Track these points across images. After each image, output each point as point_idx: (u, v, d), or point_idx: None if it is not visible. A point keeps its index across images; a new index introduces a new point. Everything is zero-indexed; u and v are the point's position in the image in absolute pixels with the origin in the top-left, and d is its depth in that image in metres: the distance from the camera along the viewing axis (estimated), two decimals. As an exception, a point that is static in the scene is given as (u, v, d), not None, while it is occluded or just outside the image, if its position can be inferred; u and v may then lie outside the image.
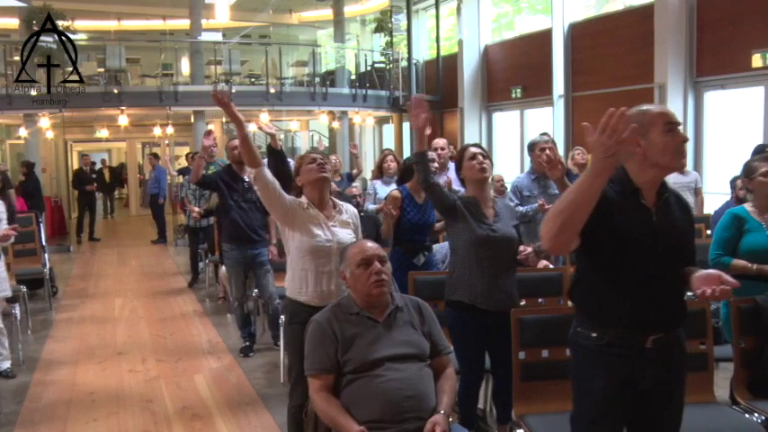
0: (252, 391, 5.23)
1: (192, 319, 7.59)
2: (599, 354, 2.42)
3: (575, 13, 12.88)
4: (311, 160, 3.55)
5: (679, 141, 2.36)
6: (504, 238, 3.68)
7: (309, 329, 2.87)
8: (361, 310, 2.86)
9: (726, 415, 3.27)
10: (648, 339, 2.38)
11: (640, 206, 2.39)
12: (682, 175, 8.44)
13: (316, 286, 3.47)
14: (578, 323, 2.51)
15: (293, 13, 21.62)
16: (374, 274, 2.84)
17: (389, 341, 2.78)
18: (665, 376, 2.42)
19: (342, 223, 3.58)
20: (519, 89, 14.09)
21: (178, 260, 11.82)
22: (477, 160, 3.77)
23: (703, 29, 10.15)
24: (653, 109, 2.42)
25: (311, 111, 16.82)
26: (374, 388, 2.65)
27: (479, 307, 3.62)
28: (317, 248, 3.45)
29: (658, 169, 2.39)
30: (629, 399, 2.42)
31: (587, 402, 2.48)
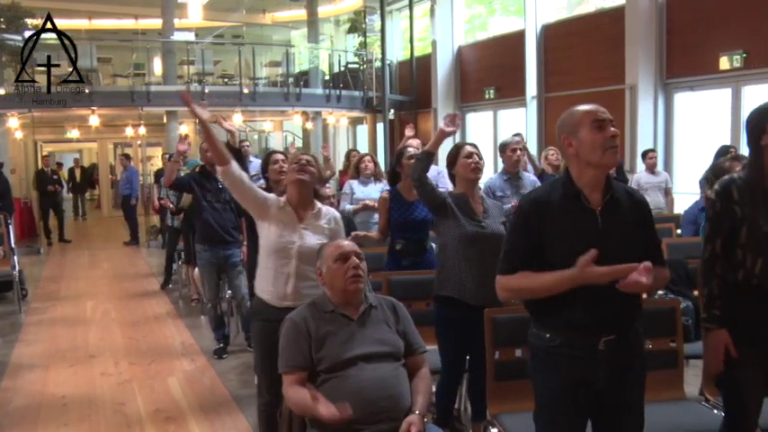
0: (225, 392, 5.21)
1: (165, 320, 7.53)
2: (552, 354, 2.44)
3: (547, 15, 13.00)
4: (296, 162, 3.56)
5: (607, 137, 2.36)
6: (493, 235, 3.71)
7: (284, 327, 2.87)
8: (336, 307, 2.87)
9: (695, 411, 3.32)
10: (600, 341, 2.39)
11: (584, 209, 2.40)
12: (652, 175, 8.59)
13: (273, 285, 3.48)
14: (533, 324, 2.53)
15: (267, 13, 21.56)
16: (351, 268, 2.85)
17: (364, 339, 2.79)
18: (620, 376, 2.43)
19: (314, 228, 3.54)
20: (492, 90, 14.18)
21: (151, 261, 11.72)
22: (473, 159, 3.82)
23: (673, 31, 10.30)
24: (581, 108, 2.45)
25: (285, 111, 16.78)
26: (348, 388, 2.65)
27: (468, 303, 3.64)
28: (280, 248, 3.45)
29: (593, 168, 2.40)
30: (586, 398, 2.43)
31: (544, 401, 2.51)
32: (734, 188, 2.76)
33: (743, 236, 2.73)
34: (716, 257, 2.79)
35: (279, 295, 3.47)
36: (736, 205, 2.74)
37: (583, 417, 2.50)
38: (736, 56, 9.27)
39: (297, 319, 2.85)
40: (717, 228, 2.79)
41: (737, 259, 2.76)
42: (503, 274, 2.48)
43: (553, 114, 12.65)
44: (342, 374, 2.70)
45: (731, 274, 2.78)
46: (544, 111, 12.94)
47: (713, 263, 2.80)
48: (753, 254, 2.72)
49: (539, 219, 2.41)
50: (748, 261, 2.73)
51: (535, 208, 2.44)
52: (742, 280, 2.75)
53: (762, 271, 2.71)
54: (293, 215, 3.51)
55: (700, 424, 3.17)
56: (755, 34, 9.08)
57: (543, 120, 12.94)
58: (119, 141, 21.41)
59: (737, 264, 2.76)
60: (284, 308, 3.32)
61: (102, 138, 20.00)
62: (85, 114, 14.04)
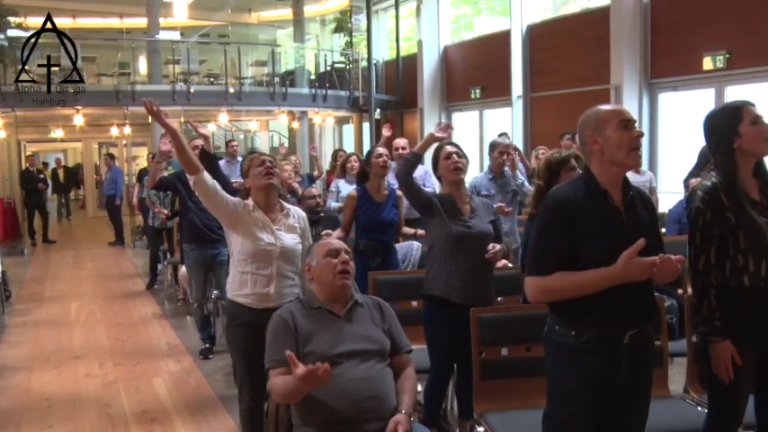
0: (211, 393, 5.19)
1: (151, 321, 7.50)
2: (576, 351, 2.45)
3: (533, 15, 13.04)
4: (260, 163, 3.51)
5: (634, 137, 2.42)
6: (480, 235, 3.72)
7: (271, 324, 2.87)
8: (323, 304, 2.87)
9: (679, 408, 3.35)
10: (626, 335, 2.44)
11: (610, 207, 2.44)
12: (637, 175, 8.59)
13: (254, 288, 3.46)
14: (555, 321, 2.53)
15: (252, 12, 21.51)
16: (340, 263, 2.87)
17: (350, 336, 2.79)
18: (639, 371, 2.49)
19: (287, 227, 3.55)
20: (478, 89, 14.22)
21: (136, 262, 11.67)
22: (452, 159, 3.81)
23: (657, 32, 10.36)
24: (608, 107, 2.51)
25: (271, 111, 16.74)
26: (335, 387, 2.65)
27: (455, 302, 3.65)
28: (259, 252, 3.43)
29: (616, 167, 2.44)
30: (605, 394, 2.46)
31: (563, 399, 2.50)
32: (722, 194, 2.71)
33: (742, 240, 2.69)
34: (711, 267, 2.76)
35: (261, 298, 3.45)
36: (729, 211, 2.70)
37: (599, 416, 2.51)
38: (720, 56, 9.34)
39: (284, 315, 2.86)
40: (709, 237, 2.74)
41: (739, 265, 2.71)
42: (536, 275, 2.47)
43: (538, 114, 12.71)
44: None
45: (733, 280, 2.73)
46: (530, 110, 12.98)
47: (708, 273, 2.76)
48: (755, 257, 2.69)
49: (569, 219, 2.42)
50: (751, 265, 2.70)
51: (565, 208, 2.45)
52: (748, 285, 2.71)
53: (767, 273, 2.69)
54: (265, 218, 3.49)
55: (684, 421, 3.19)
56: (738, 35, 9.15)
57: (529, 119, 12.98)
58: (104, 141, 21.32)
59: (740, 269, 2.72)
60: (266, 309, 3.31)
61: (87, 137, 19.90)
62: (70, 114, 13.94)
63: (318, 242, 3.09)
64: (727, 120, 2.75)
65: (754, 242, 2.68)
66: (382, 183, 4.94)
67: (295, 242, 3.53)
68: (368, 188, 4.88)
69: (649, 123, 10.68)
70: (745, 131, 2.70)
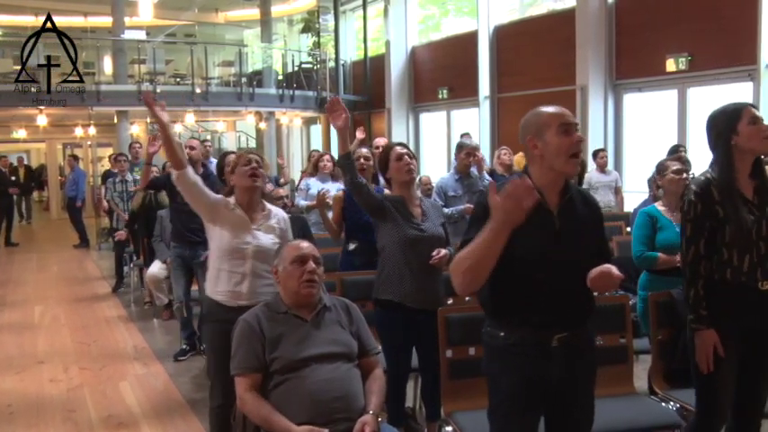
0: (179, 396, 5.14)
1: (117, 324, 7.40)
2: (506, 352, 2.46)
3: (500, 16, 13.14)
4: (246, 162, 3.52)
5: (573, 142, 2.37)
6: (433, 238, 3.71)
7: (237, 328, 2.85)
8: (289, 308, 2.86)
9: (644, 404, 3.39)
10: (554, 339, 2.42)
11: (542, 209, 2.39)
12: (603, 174, 8.74)
13: (228, 285, 3.48)
14: (487, 322, 2.55)
15: (219, 12, 21.35)
16: (307, 272, 2.84)
17: (317, 340, 2.79)
18: (572, 373, 2.46)
19: (266, 228, 3.57)
20: (445, 90, 14.28)
21: (102, 265, 11.49)
22: (404, 161, 3.77)
23: (622, 33, 10.51)
24: (547, 110, 2.45)
25: (238, 111, 16.66)
26: (302, 389, 2.65)
27: (408, 306, 3.66)
28: (234, 249, 3.46)
29: (554, 173, 2.42)
30: (539, 394, 2.47)
31: (498, 398, 2.52)
32: (713, 188, 2.82)
33: (728, 235, 2.79)
34: (700, 258, 2.85)
35: (234, 295, 3.46)
36: (718, 205, 2.80)
37: (536, 413, 2.53)
38: (682, 58, 9.51)
39: (250, 320, 2.83)
40: (699, 229, 2.84)
41: (724, 258, 2.82)
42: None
43: (506, 114, 12.80)
44: (295, 375, 2.70)
45: (717, 273, 2.83)
46: (497, 111, 13.08)
47: (698, 264, 2.85)
48: (739, 251, 2.79)
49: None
50: (735, 259, 2.80)
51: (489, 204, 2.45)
52: (730, 278, 2.81)
53: (749, 268, 2.79)
54: (245, 217, 3.51)
55: (649, 417, 3.24)
56: (700, 38, 9.33)
57: (496, 120, 13.07)
58: (68, 142, 20.99)
59: (724, 262, 2.82)
60: (239, 307, 3.31)
61: (51, 138, 19.58)
62: (32, 114, 13.71)
63: (289, 244, 3.05)
64: (727, 118, 2.84)
65: (738, 237, 2.78)
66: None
67: (272, 242, 3.53)
68: None
69: (614, 124, 10.84)
70: (742, 130, 2.80)
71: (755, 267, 2.78)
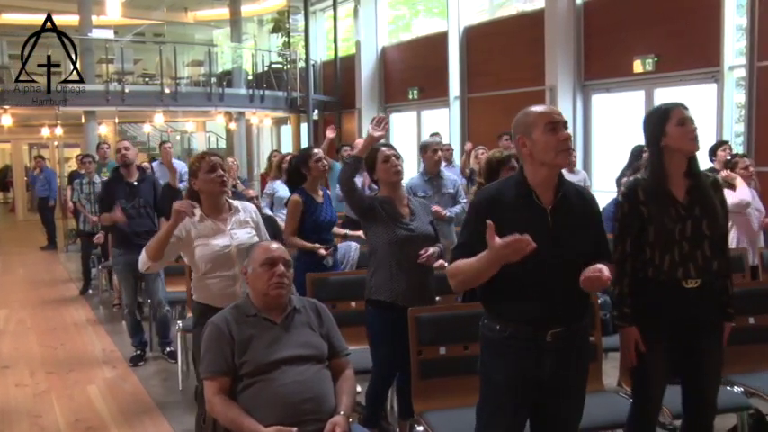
0: (148, 399, 5.09)
1: (85, 327, 7.31)
2: (502, 345, 2.52)
3: (470, 17, 13.20)
4: (210, 168, 3.48)
5: (561, 139, 2.45)
6: (423, 236, 3.75)
7: (206, 332, 2.83)
8: (259, 311, 2.84)
9: (613, 401, 3.44)
10: (548, 333, 2.48)
11: (536, 207, 2.47)
12: (571, 174, 8.79)
13: (219, 290, 3.48)
14: (485, 315, 2.61)
15: (188, 11, 21.16)
16: (276, 275, 2.81)
17: (287, 343, 2.78)
18: (565, 367, 2.53)
19: (239, 223, 3.57)
20: (416, 90, 14.31)
21: (69, 267, 11.34)
22: (392, 162, 3.82)
23: (590, 35, 10.62)
24: (535, 109, 2.53)
25: (208, 111, 16.52)
26: (271, 392, 2.64)
27: (400, 305, 3.66)
28: (218, 257, 3.46)
29: (547, 168, 2.48)
30: (530, 388, 2.52)
31: (491, 391, 2.57)
32: (639, 189, 2.90)
33: (651, 234, 2.87)
34: (626, 256, 2.93)
35: (228, 297, 3.42)
36: (643, 205, 2.88)
37: (527, 406, 2.57)
38: (649, 60, 9.64)
39: (218, 323, 2.81)
40: (626, 228, 2.93)
41: (647, 257, 2.90)
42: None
43: (475, 114, 12.86)
44: (264, 378, 2.69)
45: (641, 271, 2.91)
46: (467, 111, 13.13)
47: (623, 262, 2.93)
48: (661, 251, 2.87)
49: (488, 215, 2.42)
50: (657, 258, 2.88)
51: (488, 206, 2.49)
52: (652, 276, 2.89)
53: (669, 267, 2.86)
54: (215, 224, 3.51)
55: (617, 413, 3.28)
56: (666, 40, 9.46)
57: (466, 120, 13.13)
58: (34, 142, 20.65)
59: (647, 261, 2.90)
60: None
61: (16, 138, 19.26)
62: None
63: (259, 245, 3.03)
64: (657, 119, 2.91)
65: (660, 237, 2.85)
66: (318, 185, 4.96)
67: (249, 236, 3.55)
68: (307, 190, 4.85)
69: (583, 124, 10.95)
70: (671, 131, 2.85)
71: (676, 267, 2.85)
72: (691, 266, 2.85)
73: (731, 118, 9.13)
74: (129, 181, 5.73)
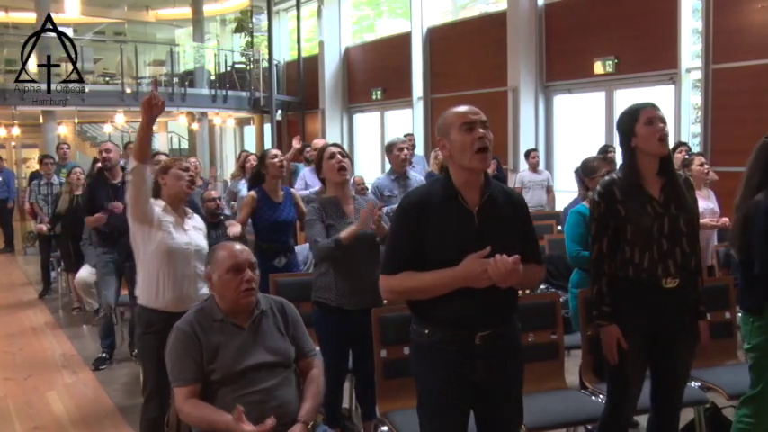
0: (110, 404, 5.02)
1: (44, 331, 7.18)
2: (431, 350, 2.50)
3: (433, 18, 13.26)
4: (184, 168, 3.51)
5: (475, 138, 2.40)
6: (365, 236, 3.71)
7: (172, 337, 2.76)
8: (225, 316, 2.77)
9: (575, 398, 3.49)
10: (476, 336, 2.45)
11: (461, 209, 2.45)
12: (535, 174, 8.95)
13: (174, 291, 3.41)
14: (413, 321, 2.58)
15: (150, 10, 20.92)
16: (245, 281, 2.74)
17: (255, 349, 2.73)
18: (496, 369, 2.50)
19: (194, 228, 3.62)
20: (379, 91, 14.34)
21: (27, 270, 11.12)
22: (336, 159, 3.78)
23: (552, 37, 10.75)
24: (455, 110, 2.51)
25: (170, 112, 16.35)
26: (239, 400, 2.60)
27: (345, 307, 3.66)
28: (179, 250, 3.42)
29: (466, 170, 2.45)
30: (466, 390, 2.50)
31: (426, 395, 2.56)
32: (615, 188, 2.91)
33: (629, 233, 2.88)
34: (603, 256, 2.94)
35: (181, 298, 3.39)
36: (620, 204, 2.89)
37: (464, 409, 2.56)
38: (609, 61, 9.80)
39: (186, 329, 2.73)
40: (602, 228, 2.94)
41: (626, 256, 2.91)
42: (386, 275, 2.50)
43: (439, 115, 12.82)
44: (233, 386, 2.65)
45: (620, 270, 2.93)
46: (430, 111, 13.20)
47: (601, 261, 2.95)
48: (640, 249, 2.88)
49: (419, 219, 2.44)
50: (636, 256, 2.89)
51: (415, 208, 2.47)
52: (632, 275, 2.90)
53: (649, 265, 2.88)
54: (178, 218, 3.50)
55: (580, 410, 3.34)
56: (625, 42, 9.63)
57: (429, 120, 13.19)
58: (-10, 143, 20.24)
59: (626, 260, 2.91)
60: (185, 312, 3.26)
61: (-29, 139, 18.85)
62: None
63: (220, 247, 2.90)
64: (627, 120, 2.93)
65: (638, 235, 2.87)
66: (278, 184, 4.95)
67: (205, 243, 3.56)
68: (265, 189, 4.86)
69: (545, 124, 11.08)
70: (639, 131, 2.88)
71: (656, 265, 2.87)
72: (670, 263, 2.88)
73: (688, 119, 9.33)
74: (112, 183, 5.68)
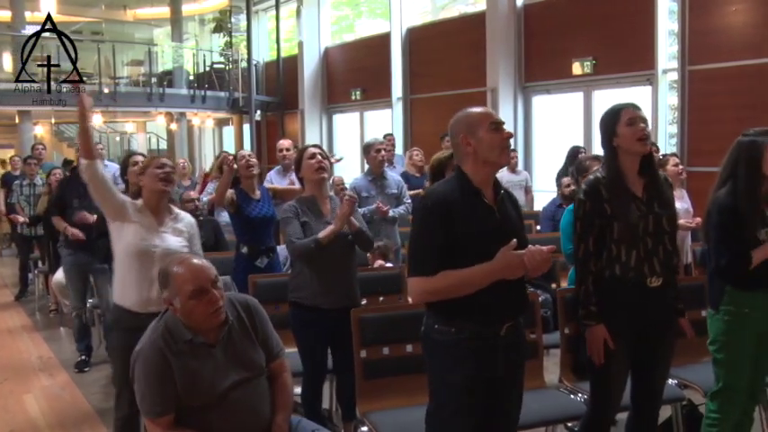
0: (88, 407, 4.97)
1: (21, 334, 7.10)
2: (458, 347, 2.52)
3: (412, 18, 13.27)
4: (158, 165, 3.47)
5: (504, 137, 2.54)
6: (341, 236, 3.71)
7: (140, 365, 2.57)
8: (194, 335, 2.58)
9: (554, 397, 3.51)
10: (503, 328, 2.54)
11: (484, 205, 2.53)
12: (513, 174, 8.95)
13: (138, 292, 3.39)
14: (434, 320, 2.57)
15: (128, 9, 20.76)
16: (212, 304, 2.54)
17: (229, 368, 2.61)
18: (514, 362, 2.61)
19: (174, 230, 3.52)
20: (359, 91, 14.32)
21: (4, 272, 10.99)
22: (316, 159, 3.82)
23: (530, 37, 10.80)
24: (478, 110, 2.61)
25: (148, 112, 16.25)
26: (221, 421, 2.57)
27: (321, 307, 3.66)
28: (143, 252, 3.37)
29: (489, 166, 2.55)
30: (487, 387, 2.55)
31: (449, 394, 2.55)
32: (601, 187, 2.94)
33: (616, 231, 2.90)
34: (589, 255, 2.96)
35: (143, 300, 3.37)
36: (606, 203, 2.92)
37: (484, 405, 2.57)
38: (587, 62, 9.87)
39: (155, 358, 2.54)
40: (588, 226, 2.95)
41: (613, 254, 2.93)
42: (420, 276, 2.50)
43: (418, 115, 12.94)
44: (215, 410, 2.57)
45: (606, 269, 2.94)
46: (409, 112, 13.20)
47: (587, 261, 2.96)
48: (627, 247, 2.90)
49: (446, 217, 2.47)
50: (623, 255, 2.91)
51: (441, 207, 2.50)
52: (619, 274, 2.92)
53: (636, 263, 2.90)
54: (152, 219, 3.46)
55: (559, 409, 3.37)
56: (603, 43, 9.70)
57: (409, 121, 13.19)
58: (-36, 143, 19.97)
59: (613, 259, 2.93)
60: (150, 314, 3.21)
61: (-55, 139, 18.60)
62: None
63: (173, 268, 2.61)
64: (609, 120, 2.96)
65: (625, 233, 2.89)
66: (254, 183, 5.00)
67: (180, 245, 3.47)
68: (243, 188, 4.94)
69: (524, 125, 11.12)
70: (621, 131, 2.91)
71: (642, 263, 2.90)
72: (655, 261, 2.90)
73: (665, 119, 9.42)
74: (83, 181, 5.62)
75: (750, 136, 3.12)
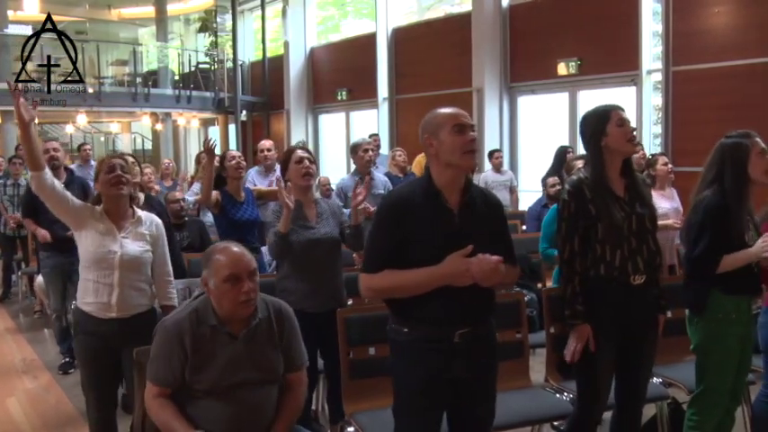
0: (72, 409, 4.93)
1: (4, 336, 7.03)
2: (411, 348, 2.53)
3: (398, 19, 13.29)
4: (108, 169, 3.31)
5: (466, 141, 2.48)
6: (326, 239, 3.72)
7: (159, 334, 2.65)
8: (220, 323, 2.62)
9: (540, 396, 3.52)
10: (455, 334, 2.49)
11: (443, 208, 2.49)
12: (498, 174, 9.01)
13: (97, 297, 3.32)
14: (392, 320, 2.61)
15: (112, 9, 20.62)
16: (243, 293, 2.57)
17: (245, 363, 2.62)
18: (474, 367, 2.55)
19: (135, 235, 3.39)
20: (344, 91, 14.32)
21: (-14, 273, 10.88)
22: (304, 165, 3.80)
23: (516, 38, 10.85)
24: (444, 110, 2.56)
25: (133, 112, 16.17)
26: (222, 413, 2.56)
27: (307, 310, 3.65)
28: (100, 258, 3.29)
29: (452, 169, 2.50)
30: (443, 389, 2.54)
31: (405, 394, 2.58)
32: (585, 187, 2.95)
33: (600, 231, 2.92)
34: (575, 255, 2.97)
35: (103, 307, 3.31)
36: (590, 203, 2.93)
37: (440, 409, 2.59)
38: (572, 63, 9.93)
39: (172, 332, 2.61)
40: (573, 227, 2.96)
41: (597, 254, 2.94)
42: (367, 273, 2.53)
43: (404, 116, 12.96)
44: (218, 400, 2.58)
45: (591, 269, 2.95)
46: (395, 112, 13.22)
47: (573, 261, 2.97)
48: (611, 247, 2.92)
49: (400, 218, 2.48)
50: (608, 254, 2.92)
51: (396, 207, 2.51)
52: (604, 273, 2.93)
53: (621, 262, 2.92)
54: (111, 225, 3.34)
55: (545, 408, 3.39)
56: (588, 44, 9.76)
57: (395, 121, 13.22)
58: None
59: (598, 259, 2.94)
60: (109, 320, 3.25)
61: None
62: None
63: (219, 250, 2.68)
64: (597, 120, 2.97)
65: (610, 233, 2.91)
66: (239, 184, 4.96)
67: (142, 250, 3.38)
68: (228, 190, 4.88)
69: (509, 125, 11.17)
70: (611, 131, 2.93)
71: (626, 262, 2.92)
72: (639, 260, 2.92)
73: (649, 120, 9.49)
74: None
75: (733, 138, 3.15)
